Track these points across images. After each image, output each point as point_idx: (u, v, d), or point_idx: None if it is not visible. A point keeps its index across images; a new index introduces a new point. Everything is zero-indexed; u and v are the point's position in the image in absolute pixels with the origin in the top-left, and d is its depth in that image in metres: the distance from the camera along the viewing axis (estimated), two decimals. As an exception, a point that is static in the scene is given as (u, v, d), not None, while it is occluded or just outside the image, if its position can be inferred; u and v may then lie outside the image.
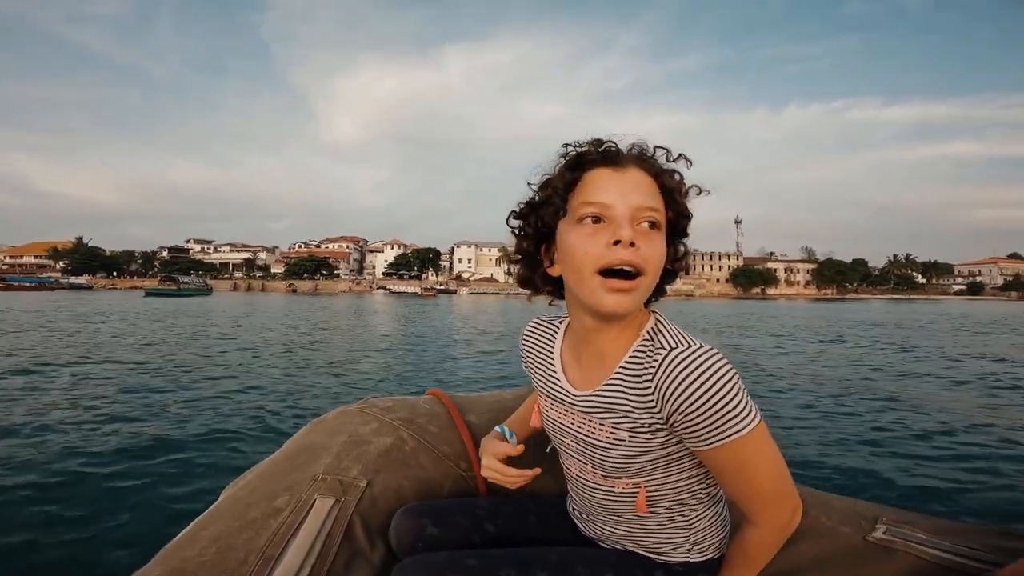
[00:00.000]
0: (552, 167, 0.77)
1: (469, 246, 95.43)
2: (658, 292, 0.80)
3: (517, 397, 1.31)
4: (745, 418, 0.67)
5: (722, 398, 0.65)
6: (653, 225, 0.71)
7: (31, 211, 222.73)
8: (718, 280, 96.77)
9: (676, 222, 0.76)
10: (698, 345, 0.69)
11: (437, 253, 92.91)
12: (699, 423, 0.67)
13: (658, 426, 0.72)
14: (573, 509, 0.95)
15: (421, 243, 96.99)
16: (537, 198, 0.78)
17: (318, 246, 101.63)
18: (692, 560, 0.83)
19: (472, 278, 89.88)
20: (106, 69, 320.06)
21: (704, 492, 0.81)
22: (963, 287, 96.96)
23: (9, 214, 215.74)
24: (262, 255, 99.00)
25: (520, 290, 0.84)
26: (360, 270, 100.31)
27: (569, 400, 0.82)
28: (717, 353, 0.67)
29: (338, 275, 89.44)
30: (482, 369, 9.31)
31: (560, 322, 0.91)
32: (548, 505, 1.00)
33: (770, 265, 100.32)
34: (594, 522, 0.89)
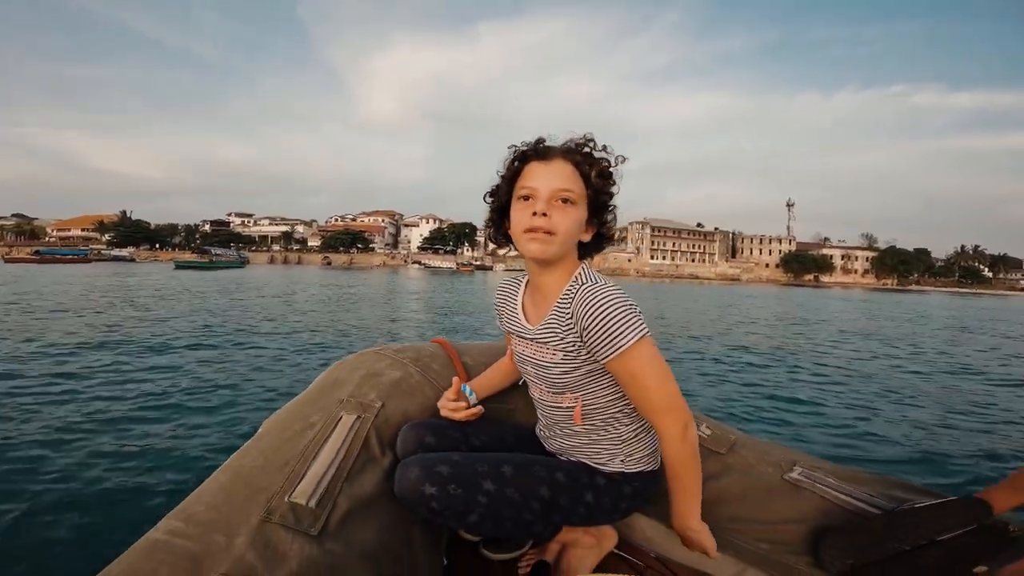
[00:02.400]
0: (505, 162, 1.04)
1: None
2: (593, 249, 1.05)
3: (504, 347, 1.47)
4: (631, 330, 0.90)
5: (613, 314, 0.90)
6: (567, 201, 0.95)
7: (83, 187, 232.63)
8: (767, 265, 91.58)
9: (595, 198, 0.99)
10: (604, 281, 0.95)
11: (473, 228, 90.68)
12: (597, 332, 0.91)
13: (578, 343, 0.96)
14: (540, 430, 1.20)
15: (457, 218, 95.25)
16: (498, 183, 1.05)
17: (354, 220, 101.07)
18: (626, 471, 1.06)
19: (508, 254, 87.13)
20: (156, 51, 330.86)
21: (630, 407, 1.04)
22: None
23: (63, 190, 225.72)
24: (300, 228, 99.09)
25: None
26: (395, 244, 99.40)
27: (526, 334, 1.06)
28: (617, 287, 0.93)
29: (373, 249, 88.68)
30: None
31: (523, 279, 1.16)
32: (522, 430, 1.25)
33: (825, 251, 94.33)
34: (553, 437, 1.14)
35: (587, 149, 0.99)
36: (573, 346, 0.97)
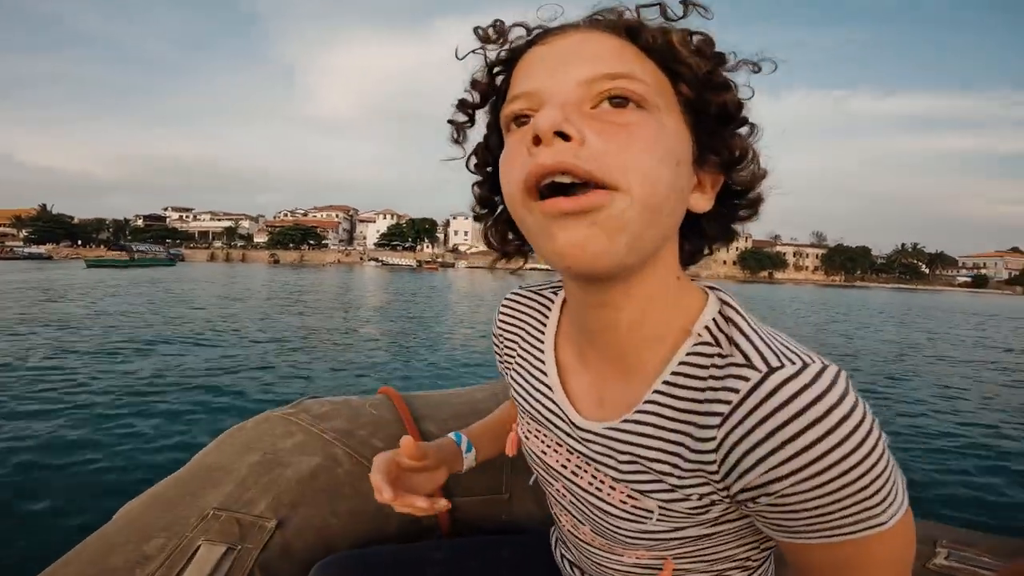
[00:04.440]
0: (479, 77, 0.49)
1: (467, 218, 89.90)
2: (720, 233, 0.50)
3: (493, 395, 1.01)
4: (888, 507, 0.39)
5: (859, 478, 0.37)
6: (624, 101, 0.39)
7: (14, 182, 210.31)
8: (724, 262, 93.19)
9: (700, 100, 0.42)
10: (815, 362, 0.38)
11: (433, 224, 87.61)
12: (808, 513, 0.39)
13: (715, 498, 0.44)
14: (566, 561, 0.67)
15: (417, 214, 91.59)
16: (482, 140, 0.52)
17: (305, 215, 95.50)
18: None
19: (469, 251, 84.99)
20: (99, 46, 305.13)
21: (755, 559, 0.53)
22: (967, 279, 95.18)
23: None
24: (245, 224, 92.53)
25: (541, 265, 0.48)
26: (350, 240, 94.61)
27: (568, 431, 0.52)
28: (846, 386, 0.37)
29: (326, 245, 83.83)
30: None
31: (555, 293, 0.59)
32: (530, 548, 0.74)
33: (779, 249, 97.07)
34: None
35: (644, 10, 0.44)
36: (693, 499, 0.44)
